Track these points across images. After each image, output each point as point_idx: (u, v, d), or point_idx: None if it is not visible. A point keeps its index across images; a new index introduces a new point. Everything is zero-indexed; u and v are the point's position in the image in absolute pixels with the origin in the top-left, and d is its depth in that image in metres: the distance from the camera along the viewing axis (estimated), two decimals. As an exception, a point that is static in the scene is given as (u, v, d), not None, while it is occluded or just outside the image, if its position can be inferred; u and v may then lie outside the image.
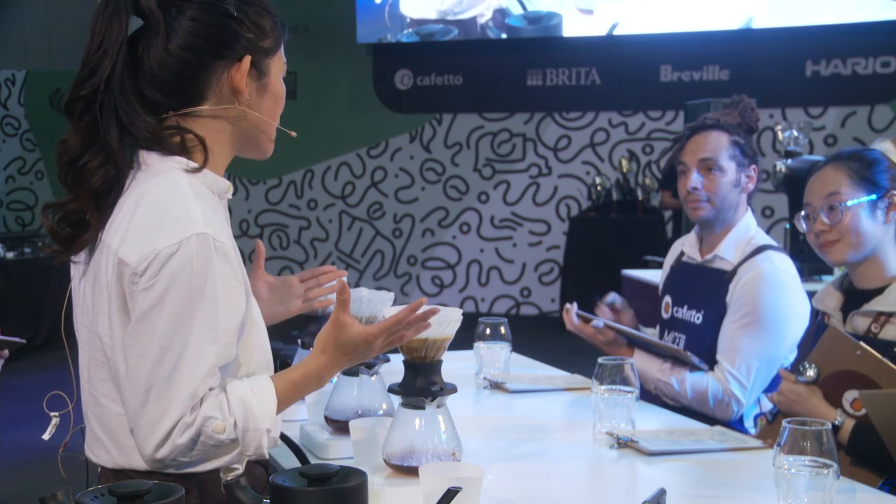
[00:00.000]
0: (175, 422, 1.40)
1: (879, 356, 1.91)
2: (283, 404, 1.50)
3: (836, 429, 2.00)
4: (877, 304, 2.08)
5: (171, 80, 1.48)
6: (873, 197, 2.08)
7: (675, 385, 2.50)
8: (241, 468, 1.46)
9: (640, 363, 2.51)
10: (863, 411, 1.95)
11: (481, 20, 8.15)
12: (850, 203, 2.08)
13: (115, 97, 1.45)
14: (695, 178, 2.59)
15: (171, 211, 1.42)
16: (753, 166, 2.61)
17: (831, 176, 2.12)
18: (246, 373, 1.51)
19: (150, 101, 1.49)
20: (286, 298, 1.98)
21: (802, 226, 2.17)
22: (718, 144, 2.58)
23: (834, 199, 2.09)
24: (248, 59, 1.50)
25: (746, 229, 2.60)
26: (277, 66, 1.56)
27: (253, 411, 1.45)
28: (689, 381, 2.48)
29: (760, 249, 2.53)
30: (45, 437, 1.65)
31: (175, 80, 1.48)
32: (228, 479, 1.45)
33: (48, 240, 1.56)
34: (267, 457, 1.50)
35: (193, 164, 1.49)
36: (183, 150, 1.50)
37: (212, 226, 1.43)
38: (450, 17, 8.21)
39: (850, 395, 2.00)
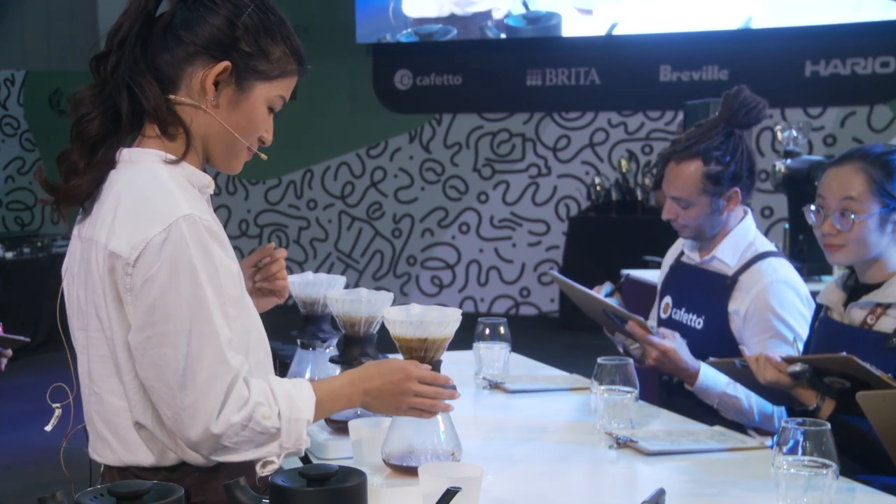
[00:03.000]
0: (225, 391, 1.43)
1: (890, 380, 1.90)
2: (320, 406, 1.56)
3: (814, 412, 2.01)
4: (875, 297, 2.09)
5: (160, 58, 1.52)
6: (886, 209, 2.06)
7: (744, 402, 2.40)
8: (277, 462, 1.49)
9: (709, 378, 2.39)
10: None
11: (487, 20, 8.12)
12: (863, 216, 2.05)
13: (128, 61, 1.50)
14: (668, 210, 2.58)
15: (154, 199, 1.46)
16: (734, 188, 2.52)
17: (852, 177, 2.07)
18: (246, 355, 1.52)
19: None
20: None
21: (811, 217, 2.16)
22: (688, 180, 2.51)
23: (848, 204, 2.06)
24: (224, 64, 1.51)
25: (745, 232, 2.58)
26: (266, 93, 1.56)
27: (296, 402, 1.50)
28: (755, 399, 2.39)
29: (761, 256, 2.51)
30: (48, 428, 1.67)
31: (161, 60, 1.52)
32: (265, 473, 1.47)
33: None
34: (302, 452, 1.53)
35: (171, 157, 1.52)
36: (167, 135, 1.52)
37: (196, 208, 1.47)
38: (452, 13, 8.18)
39: (828, 379, 2.01)
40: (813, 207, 2.15)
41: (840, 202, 2.08)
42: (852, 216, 2.06)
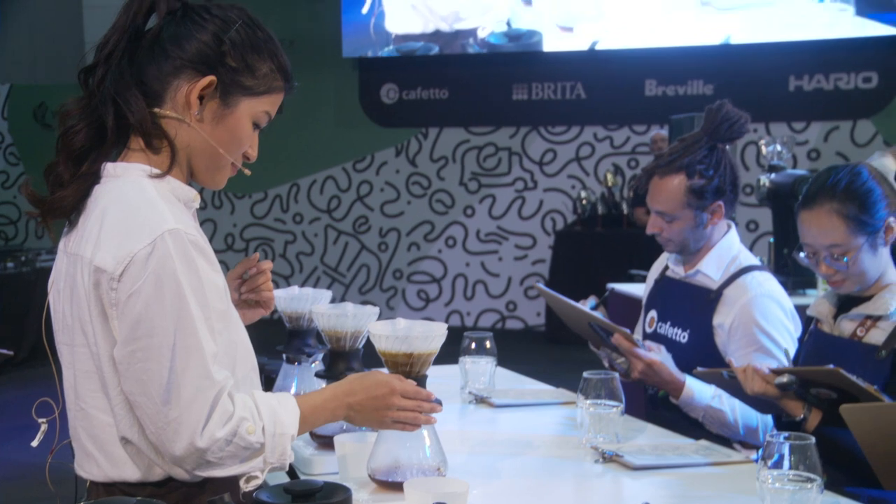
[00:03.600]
0: (209, 406, 1.42)
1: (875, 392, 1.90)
2: (304, 421, 1.55)
3: (801, 423, 2.01)
4: (865, 309, 2.09)
5: (146, 71, 1.53)
6: (871, 236, 2.06)
7: (730, 415, 2.40)
8: (261, 477, 1.49)
9: (694, 391, 2.39)
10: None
11: (469, 38, 8.14)
12: (853, 255, 2.05)
13: (114, 74, 1.51)
14: (652, 224, 2.59)
15: (140, 213, 1.46)
16: (718, 202, 2.53)
17: (828, 222, 2.06)
18: (232, 369, 1.52)
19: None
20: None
21: (805, 262, 2.17)
22: (672, 194, 2.52)
23: (836, 250, 2.06)
24: (209, 79, 1.52)
25: (729, 247, 2.59)
26: (251, 108, 1.56)
27: (280, 417, 1.50)
28: (740, 413, 2.40)
29: (745, 270, 2.52)
30: (34, 443, 1.66)
31: (147, 73, 1.52)
32: (248, 488, 1.47)
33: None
34: (287, 467, 1.53)
35: (156, 171, 1.52)
36: (151, 149, 1.53)
37: (182, 222, 1.47)
38: (437, 30, 8.20)
39: (815, 391, 2.01)
40: (803, 254, 2.16)
41: (827, 249, 2.08)
42: (844, 259, 2.06)
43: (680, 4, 7.64)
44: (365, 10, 8.28)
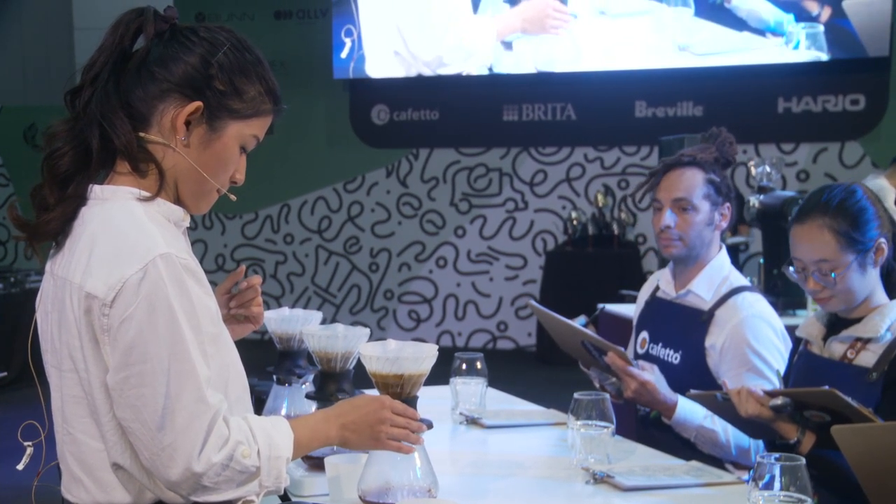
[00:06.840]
0: (205, 431, 1.41)
1: (870, 414, 1.90)
2: (298, 444, 1.55)
3: (795, 446, 2.01)
4: (854, 331, 2.09)
5: (132, 94, 1.51)
6: (861, 254, 2.07)
7: (721, 435, 2.41)
8: (257, 501, 1.48)
9: (686, 411, 2.40)
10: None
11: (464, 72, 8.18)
12: (841, 271, 2.06)
13: (100, 96, 1.49)
14: (668, 217, 2.57)
15: (130, 238, 1.44)
16: (727, 204, 2.59)
17: (818, 238, 2.07)
18: (224, 391, 1.51)
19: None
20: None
21: (793, 277, 2.17)
22: (693, 183, 2.55)
23: (825, 266, 2.07)
24: (196, 105, 1.50)
25: (720, 267, 2.61)
26: (239, 132, 1.55)
27: (275, 440, 1.49)
28: (732, 433, 2.40)
29: (736, 291, 2.53)
30: (20, 467, 1.64)
31: (133, 96, 1.51)
32: None
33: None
34: (282, 490, 1.52)
35: (145, 194, 1.51)
36: (138, 172, 1.51)
37: (173, 246, 1.46)
38: (419, 74, 8.22)
39: (808, 413, 2.01)
40: (792, 269, 2.16)
41: (816, 264, 2.08)
42: (832, 274, 2.07)
43: (657, 49, 7.68)
44: (344, 54, 8.30)
